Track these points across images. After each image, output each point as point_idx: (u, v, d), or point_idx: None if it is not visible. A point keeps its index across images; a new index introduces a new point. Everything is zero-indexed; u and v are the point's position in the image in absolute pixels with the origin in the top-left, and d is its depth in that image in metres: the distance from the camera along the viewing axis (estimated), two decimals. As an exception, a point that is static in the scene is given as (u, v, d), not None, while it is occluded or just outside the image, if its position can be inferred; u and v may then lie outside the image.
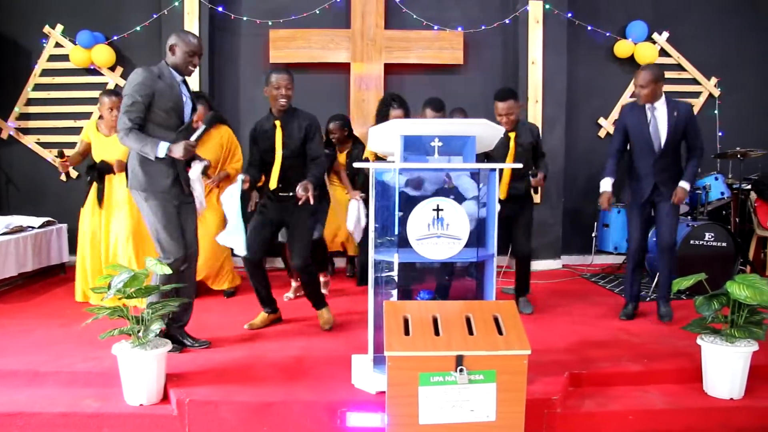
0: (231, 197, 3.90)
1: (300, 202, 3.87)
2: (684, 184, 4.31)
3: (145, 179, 3.53)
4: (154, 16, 6.28)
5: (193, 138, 3.57)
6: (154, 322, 3.13)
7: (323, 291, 5.10)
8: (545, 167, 4.68)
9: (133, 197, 3.66)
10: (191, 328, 3.90)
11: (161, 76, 3.53)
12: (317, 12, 6.36)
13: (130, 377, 3.10)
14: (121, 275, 3.07)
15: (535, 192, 4.85)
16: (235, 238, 3.91)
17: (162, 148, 3.42)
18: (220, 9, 6.28)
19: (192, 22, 6.15)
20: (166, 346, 3.20)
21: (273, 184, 4.11)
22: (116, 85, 6.33)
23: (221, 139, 5.09)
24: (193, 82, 6.08)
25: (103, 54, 6.29)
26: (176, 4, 6.16)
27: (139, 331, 3.11)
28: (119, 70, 6.49)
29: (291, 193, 4.03)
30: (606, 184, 4.50)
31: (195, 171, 3.67)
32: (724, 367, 3.24)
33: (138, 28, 6.33)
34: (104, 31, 6.37)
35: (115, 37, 6.37)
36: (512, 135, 4.49)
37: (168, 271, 3.21)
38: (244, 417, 3.03)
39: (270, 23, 6.35)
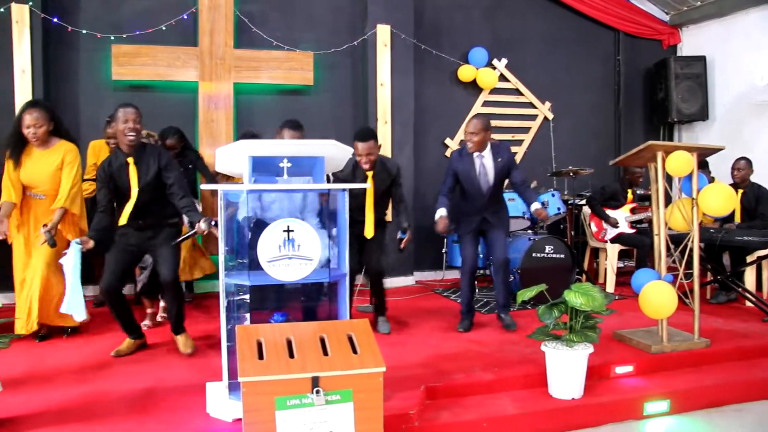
0: (69, 261, 3.66)
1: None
2: (536, 205, 4.64)
3: None
4: (-25, 24, 5.71)
5: None
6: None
7: (148, 322, 4.89)
8: (406, 216, 4.76)
9: None
10: (28, 364, 3.56)
11: None
12: (163, 28, 6.11)
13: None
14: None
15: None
16: (75, 303, 3.64)
17: None
18: (54, 20, 5.85)
19: (21, 32, 5.64)
20: (-7, 389, 2.89)
21: (123, 220, 4.00)
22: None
23: (64, 155, 4.45)
24: (26, 99, 5.62)
25: None
26: (1, 10, 5.63)
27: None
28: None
29: (150, 222, 4.06)
30: (440, 212, 4.72)
31: None
32: (565, 370, 3.48)
33: (-45, 38, 5.73)
34: None
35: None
36: (370, 174, 4.58)
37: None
38: (87, 459, 2.83)
39: (112, 38, 6.00)
